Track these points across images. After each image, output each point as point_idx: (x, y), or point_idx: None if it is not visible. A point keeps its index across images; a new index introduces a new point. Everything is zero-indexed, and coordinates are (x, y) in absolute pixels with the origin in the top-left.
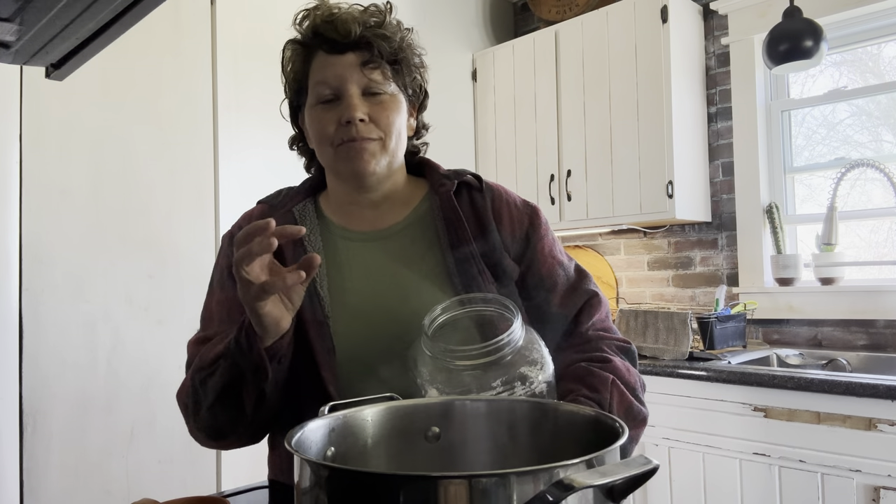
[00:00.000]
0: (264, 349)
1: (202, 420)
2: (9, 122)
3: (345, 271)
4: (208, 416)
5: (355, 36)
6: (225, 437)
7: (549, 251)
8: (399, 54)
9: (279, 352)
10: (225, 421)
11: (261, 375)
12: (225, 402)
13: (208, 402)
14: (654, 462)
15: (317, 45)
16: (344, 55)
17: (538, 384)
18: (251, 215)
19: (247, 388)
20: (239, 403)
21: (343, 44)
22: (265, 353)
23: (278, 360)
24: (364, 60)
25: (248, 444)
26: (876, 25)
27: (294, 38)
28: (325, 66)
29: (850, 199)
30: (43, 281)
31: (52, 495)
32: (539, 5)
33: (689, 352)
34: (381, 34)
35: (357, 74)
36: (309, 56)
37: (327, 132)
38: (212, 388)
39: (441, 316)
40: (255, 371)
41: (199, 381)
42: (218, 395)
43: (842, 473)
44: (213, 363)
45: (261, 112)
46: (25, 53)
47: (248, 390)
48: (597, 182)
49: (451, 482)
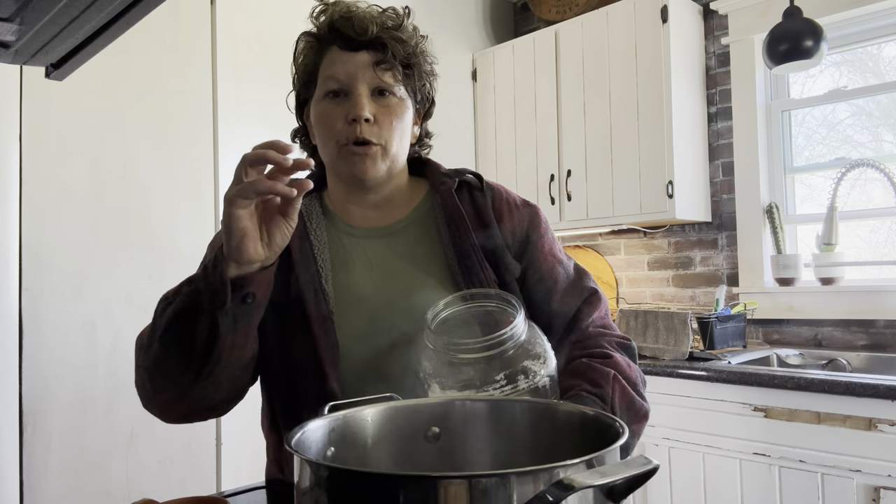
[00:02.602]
0: (230, 279)
1: (150, 356)
2: (9, 122)
3: (349, 267)
4: (157, 349)
5: (371, 35)
6: (167, 383)
7: (549, 249)
8: (412, 59)
9: (245, 286)
10: (171, 361)
11: (218, 302)
12: (177, 329)
13: (160, 331)
14: (654, 462)
15: (332, 39)
16: (358, 53)
17: (541, 378)
18: None
19: (202, 319)
20: (191, 333)
21: (358, 41)
22: (228, 281)
23: (242, 298)
24: (377, 60)
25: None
26: (876, 25)
27: (309, 31)
28: (337, 61)
29: (851, 199)
30: (43, 281)
31: (52, 495)
32: (539, 5)
33: (689, 352)
34: (397, 37)
35: (368, 73)
36: (322, 50)
37: (333, 128)
38: (169, 314)
39: (444, 311)
40: (213, 297)
41: (160, 309)
42: (171, 319)
43: (842, 473)
44: (178, 290)
45: (261, 111)
46: (25, 53)
47: (203, 321)
48: (597, 182)
49: (451, 482)
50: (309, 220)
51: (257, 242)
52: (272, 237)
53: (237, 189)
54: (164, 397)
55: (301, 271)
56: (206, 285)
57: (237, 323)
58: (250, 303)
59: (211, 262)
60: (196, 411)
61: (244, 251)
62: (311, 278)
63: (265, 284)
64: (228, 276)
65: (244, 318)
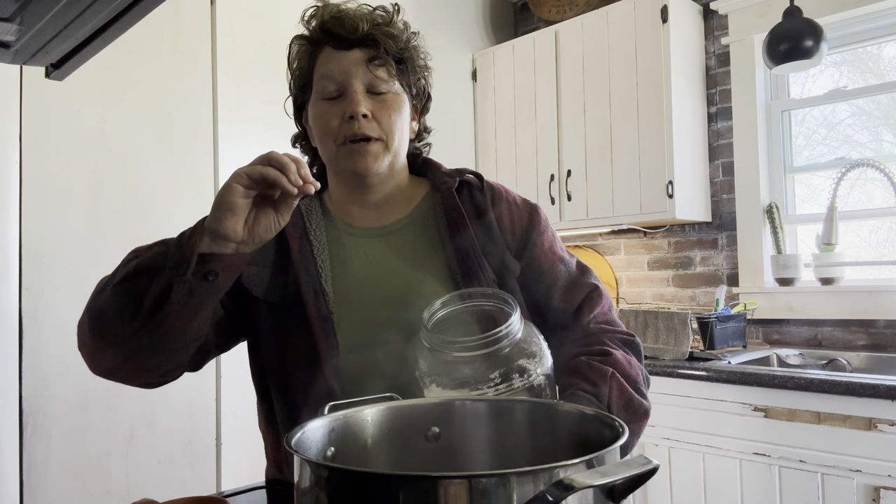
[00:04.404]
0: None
1: (99, 300)
2: (9, 122)
3: (349, 266)
4: (108, 294)
5: (362, 32)
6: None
7: (549, 247)
8: (405, 54)
9: (211, 263)
10: (117, 306)
11: (180, 270)
12: (132, 283)
13: (117, 279)
14: (654, 462)
15: (324, 40)
16: (350, 51)
17: (536, 377)
18: None
19: (158, 278)
20: (142, 291)
21: (350, 40)
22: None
23: (205, 274)
24: (370, 57)
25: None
26: (876, 25)
27: (301, 34)
28: (330, 60)
29: (851, 199)
30: (43, 281)
31: (52, 495)
32: (539, 5)
33: (689, 352)
34: (388, 32)
35: (362, 70)
36: (315, 51)
37: (331, 127)
38: (130, 267)
39: (441, 310)
40: (177, 263)
41: (125, 260)
42: (131, 272)
43: (842, 473)
44: (151, 247)
45: (261, 112)
46: (25, 53)
47: (159, 280)
48: (597, 182)
49: (451, 482)
50: (308, 221)
51: (239, 221)
52: (257, 224)
53: (248, 168)
54: (97, 344)
55: (301, 272)
56: (174, 251)
57: (191, 297)
58: (211, 281)
59: (188, 231)
60: (122, 370)
61: (224, 224)
62: (311, 279)
63: (232, 269)
64: (198, 250)
65: (199, 294)
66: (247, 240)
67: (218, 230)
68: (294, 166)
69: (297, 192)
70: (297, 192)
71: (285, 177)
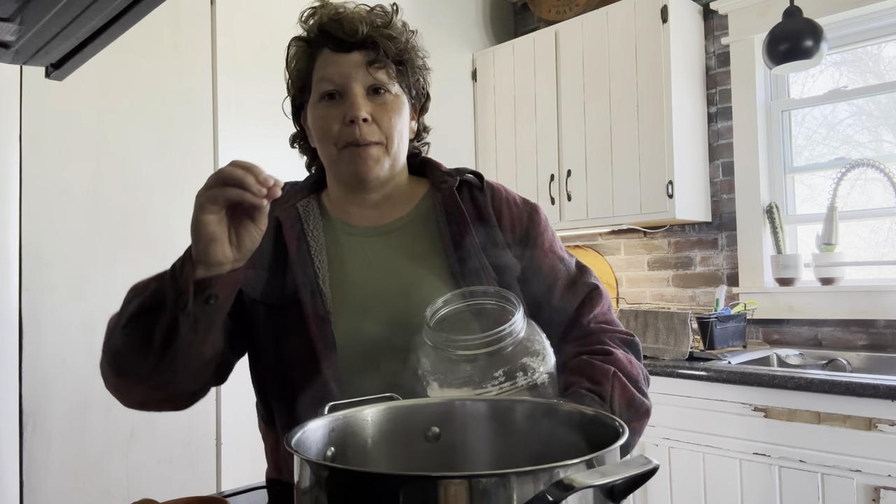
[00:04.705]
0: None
1: (112, 342)
2: (9, 122)
3: (347, 266)
4: (119, 336)
5: (362, 35)
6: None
7: (549, 247)
8: (404, 55)
9: (209, 288)
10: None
11: (181, 304)
12: (138, 323)
13: (124, 321)
14: (654, 462)
15: (322, 42)
16: (349, 54)
17: (539, 375)
18: None
19: (164, 314)
20: (150, 329)
21: (349, 42)
22: (192, 283)
23: (206, 298)
24: (370, 60)
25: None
26: (876, 25)
27: (299, 36)
28: (329, 63)
29: (851, 199)
30: (43, 281)
31: (52, 495)
32: (539, 5)
33: (689, 352)
34: (388, 34)
35: (362, 73)
36: (314, 53)
37: (331, 131)
38: (134, 306)
39: (443, 308)
40: (176, 297)
41: (127, 299)
42: (135, 312)
43: (842, 473)
44: (146, 285)
45: (261, 111)
46: (25, 53)
47: (164, 317)
48: (597, 182)
49: (451, 482)
50: (306, 221)
51: (225, 245)
52: (241, 240)
53: (207, 195)
54: (121, 382)
55: (298, 272)
56: (170, 285)
57: (198, 324)
58: (213, 304)
59: (179, 263)
60: (151, 401)
61: (212, 254)
62: (308, 279)
63: (230, 286)
64: (192, 279)
65: (205, 318)
66: (238, 257)
67: (209, 260)
68: (251, 176)
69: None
70: (265, 201)
71: (247, 191)
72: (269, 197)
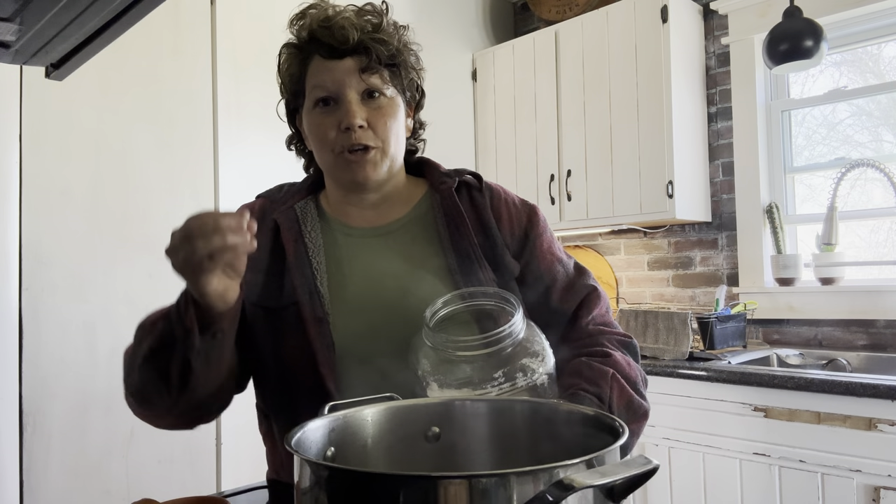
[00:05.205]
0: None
1: (132, 381)
2: (9, 122)
3: (345, 268)
4: (137, 377)
5: (353, 42)
6: (151, 404)
7: (547, 248)
8: (397, 57)
9: (215, 324)
10: (151, 386)
11: (189, 345)
12: (152, 365)
13: (139, 361)
14: (654, 462)
15: (314, 49)
16: (342, 60)
17: (539, 376)
18: (251, 208)
19: (175, 355)
20: (165, 370)
21: (341, 50)
22: (196, 322)
23: (212, 334)
24: (362, 67)
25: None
26: (876, 25)
27: (290, 42)
28: (322, 70)
29: (850, 199)
30: (43, 281)
31: (52, 495)
32: (539, 5)
33: (689, 352)
34: (379, 38)
35: (355, 80)
36: (306, 60)
37: (327, 137)
38: (145, 347)
39: (442, 309)
40: (185, 337)
41: (138, 338)
42: (146, 356)
43: (842, 473)
44: (154, 324)
45: (261, 112)
46: (25, 53)
47: (176, 358)
48: (597, 182)
49: (451, 482)
50: (304, 223)
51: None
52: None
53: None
54: (148, 414)
55: (296, 274)
56: (178, 327)
57: (209, 356)
58: (220, 337)
59: (177, 308)
60: (182, 423)
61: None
62: (306, 281)
63: (232, 313)
64: (195, 322)
65: (215, 351)
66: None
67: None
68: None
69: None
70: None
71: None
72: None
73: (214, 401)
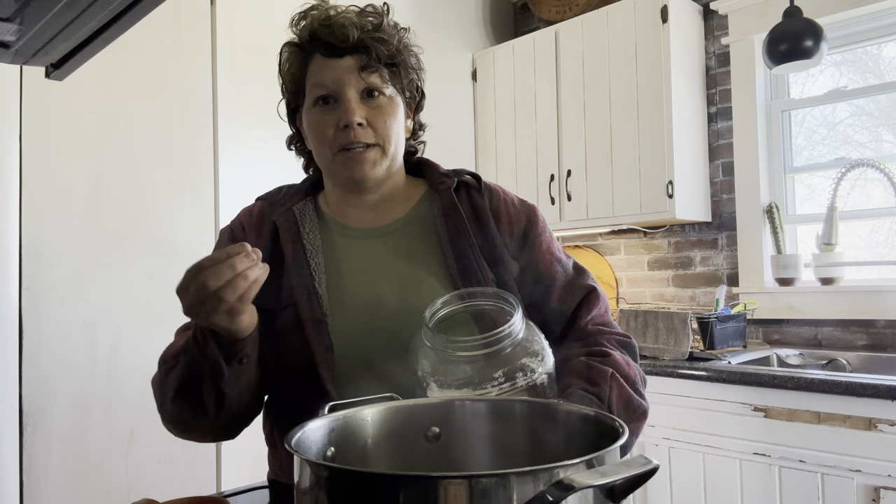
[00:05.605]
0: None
1: (167, 411)
2: (9, 122)
3: (343, 268)
4: (173, 408)
5: (353, 40)
6: (192, 429)
7: (546, 248)
8: (397, 57)
9: (240, 352)
10: (188, 415)
11: (217, 374)
12: (186, 397)
13: (171, 395)
14: (654, 462)
15: (314, 48)
16: (342, 59)
17: (539, 375)
18: (251, 212)
19: (206, 386)
20: (199, 399)
21: (341, 48)
22: (220, 354)
23: (239, 360)
24: (362, 65)
25: (222, 438)
26: (876, 25)
27: (291, 41)
28: (322, 68)
29: (850, 199)
30: (43, 281)
31: (52, 495)
32: (539, 5)
33: (689, 352)
34: (379, 38)
35: (355, 78)
36: (306, 58)
37: (326, 135)
38: (173, 381)
39: (442, 309)
40: (212, 369)
41: (164, 372)
42: (177, 389)
43: (842, 473)
44: (176, 356)
45: (261, 111)
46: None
47: (207, 388)
48: (597, 182)
49: (451, 482)
50: (302, 224)
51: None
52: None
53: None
54: (190, 437)
55: (294, 275)
56: (201, 358)
57: (239, 380)
58: (246, 362)
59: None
60: (226, 436)
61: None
62: (304, 282)
63: (253, 337)
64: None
65: (243, 374)
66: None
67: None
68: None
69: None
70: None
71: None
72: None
73: (253, 409)
